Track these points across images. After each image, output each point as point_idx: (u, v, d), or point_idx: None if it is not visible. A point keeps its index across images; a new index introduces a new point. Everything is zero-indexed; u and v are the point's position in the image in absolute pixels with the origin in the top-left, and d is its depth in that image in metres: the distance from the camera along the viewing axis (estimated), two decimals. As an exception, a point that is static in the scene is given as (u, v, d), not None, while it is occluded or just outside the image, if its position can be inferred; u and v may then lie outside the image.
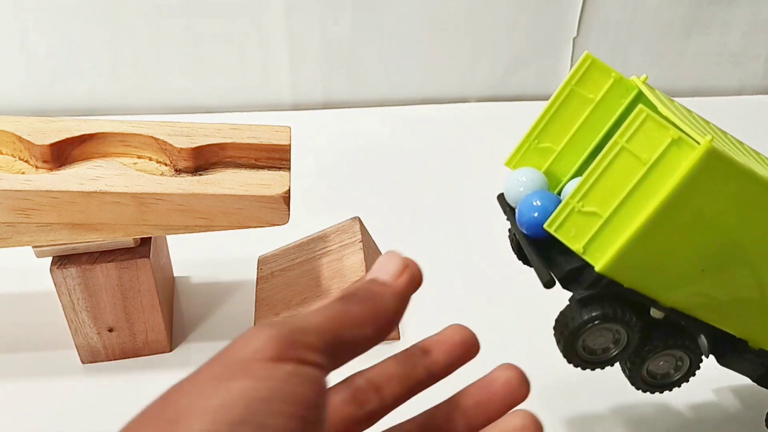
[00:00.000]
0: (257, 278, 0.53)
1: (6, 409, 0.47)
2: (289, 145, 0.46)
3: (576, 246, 0.31)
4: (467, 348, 0.31)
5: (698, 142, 0.29)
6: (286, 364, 0.25)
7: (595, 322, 0.33)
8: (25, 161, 0.44)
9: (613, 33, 0.83)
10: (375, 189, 0.68)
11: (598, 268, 0.30)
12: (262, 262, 0.54)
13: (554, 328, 0.35)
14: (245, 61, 0.80)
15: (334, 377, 0.28)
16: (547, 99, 0.38)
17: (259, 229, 0.45)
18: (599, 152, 0.31)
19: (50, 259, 0.45)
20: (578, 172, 0.36)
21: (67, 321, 0.47)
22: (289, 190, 0.44)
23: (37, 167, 0.43)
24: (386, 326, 0.29)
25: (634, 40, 0.83)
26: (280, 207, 0.43)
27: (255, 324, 0.25)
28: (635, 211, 0.30)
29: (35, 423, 0.46)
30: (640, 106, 0.30)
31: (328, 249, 0.52)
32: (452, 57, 0.83)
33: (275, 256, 0.54)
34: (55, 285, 0.45)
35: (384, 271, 0.30)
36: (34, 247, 0.44)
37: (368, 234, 0.54)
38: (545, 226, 0.32)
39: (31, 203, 0.41)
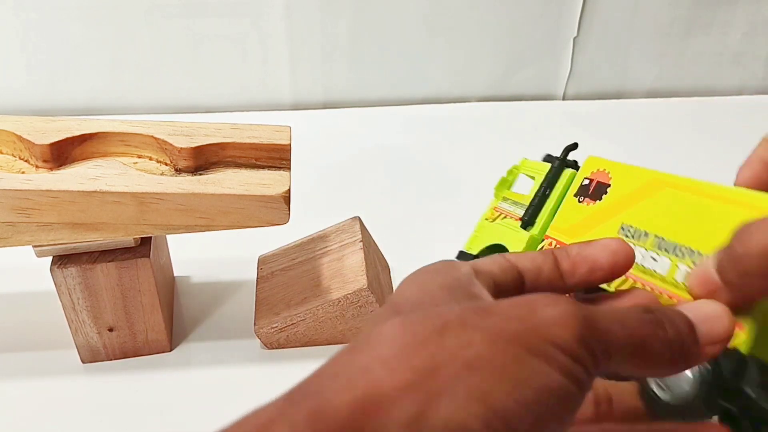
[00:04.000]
0: (257, 278, 0.53)
1: (6, 409, 0.47)
2: (290, 145, 0.46)
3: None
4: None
5: None
6: (580, 367, 0.23)
7: None
8: (26, 161, 0.44)
9: (613, 33, 0.82)
10: (375, 189, 0.68)
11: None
12: (262, 262, 0.54)
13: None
14: (245, 61, 0.80)
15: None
16: (547, 98, 0.38)
17: (259, 229, 0.45)
18: None
19: (50, 258, 0.45)
20: None
21: (68, 321, 0.47)
22: (289, 189, 0.44)
23: (37, 167, 0.43)
24: (668, 370, 0.27)
25: (634, 40, 0.83)
26: (280, 207, 0.43)
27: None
28: None
29: (35, 423, 0.46)
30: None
31: (328, 249, 0.52)
32: (452, 57, 0.83)
33: (275, 256, 0.54)
34: (56, 285, 0.45)
35: (707, 324, 0.27)
36: (34, 246, 0.44)
37: (368, 234, 0.54)
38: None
39: (32, 203, 0.41)
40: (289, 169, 0.45)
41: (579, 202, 0.39)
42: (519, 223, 0.42)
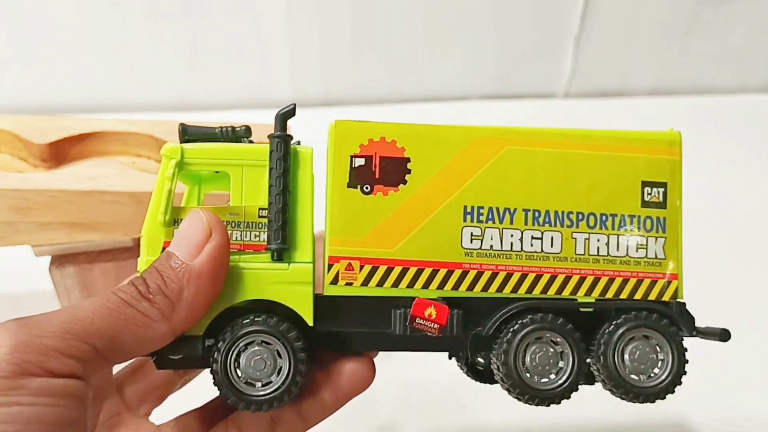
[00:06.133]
0: (257, 277, 0.53)
1: (5, 408, 0.46)
2: (289, 144, 0.45)
3: None
4: None
5: None
6: (31, 380, 0.21)
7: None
8: (24, 160, 0.44)
9: (614, 31, 0.82)
10: (375, 188, 0.68)
11: None
12: (262, 261, 0.54)
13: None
14: (245, 59, 0.80)
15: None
16: (548, 97, 0.38)
17: (258, 228, 0.45)
18: None
19: (49, 258, 0.45)
20: None
21: (66, 320, 0.47)
22: (288, 189, 0.43)
23: (35, 166, 0.43)
24: (184, 320, 0.24)
25: (635, 39, 0.83)
26: (279, 206, 0.43)
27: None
28: None
29: (34, 422, 0.46)
30: None
31: (328, 248, 0.52)
32: (453, 55, 0.82)
33: (275, 255, 0.54)
34: (54, 284, 0.45)
35: (183, 243, 0.24)
36: (32, 246, 0.44)
37: (368, 233, 0.54)
38: None
39: (29, 202, 0.41)
40: (289, 168, 0.45)
41: (364, 193, 0.28)
42: (266, 255, 0.27)
